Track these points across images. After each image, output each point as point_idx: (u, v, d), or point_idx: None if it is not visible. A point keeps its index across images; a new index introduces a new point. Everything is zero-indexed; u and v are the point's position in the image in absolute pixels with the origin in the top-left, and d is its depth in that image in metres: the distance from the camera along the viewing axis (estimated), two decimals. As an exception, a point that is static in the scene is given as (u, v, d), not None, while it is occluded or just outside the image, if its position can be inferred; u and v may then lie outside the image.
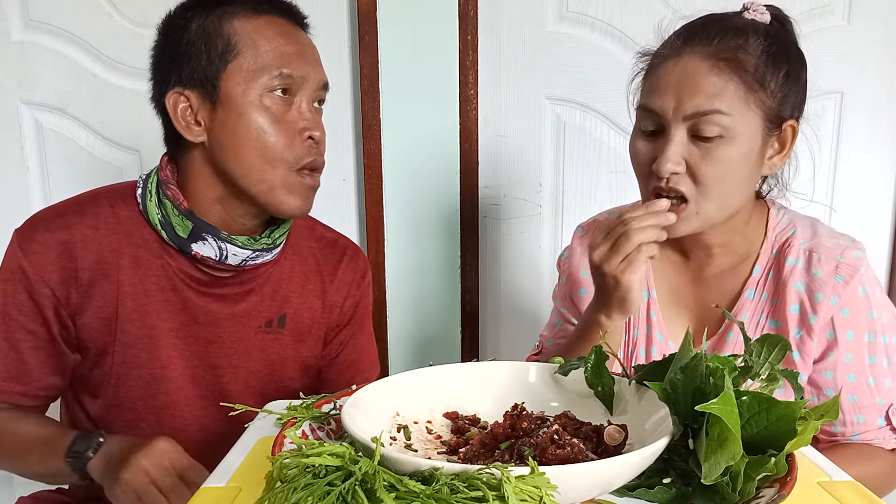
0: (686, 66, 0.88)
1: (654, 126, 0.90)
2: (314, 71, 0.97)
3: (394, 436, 0.63)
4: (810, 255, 0.93)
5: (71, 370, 1.01)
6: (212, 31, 0.92)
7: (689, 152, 0.87)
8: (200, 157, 0.96)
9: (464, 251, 1.99)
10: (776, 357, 0.60)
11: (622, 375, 0.66)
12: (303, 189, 0.97)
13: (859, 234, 0.94)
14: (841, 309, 0.91)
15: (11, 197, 1.86)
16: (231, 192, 0.96)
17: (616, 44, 1.93)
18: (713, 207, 0.89)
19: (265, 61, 0.92)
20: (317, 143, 0.97)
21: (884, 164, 2.01)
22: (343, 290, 1.12)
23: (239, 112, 0.92)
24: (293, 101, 0.95)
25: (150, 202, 0.97)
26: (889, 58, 1.94)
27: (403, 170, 1.96)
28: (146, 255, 0.98)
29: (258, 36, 0.92)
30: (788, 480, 0.51)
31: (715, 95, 0.86)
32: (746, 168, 0.89)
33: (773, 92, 0.88)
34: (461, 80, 1.88)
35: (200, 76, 0.92)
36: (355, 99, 1.97)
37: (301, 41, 0.97)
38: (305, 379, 1.12)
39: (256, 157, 0.93)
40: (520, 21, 1.93)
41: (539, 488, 0.45)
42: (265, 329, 1.05)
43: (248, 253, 0.98)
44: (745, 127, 0.87)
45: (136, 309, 0.98)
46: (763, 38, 0.89)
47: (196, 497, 0.60)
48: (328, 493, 0.46)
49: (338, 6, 1.94)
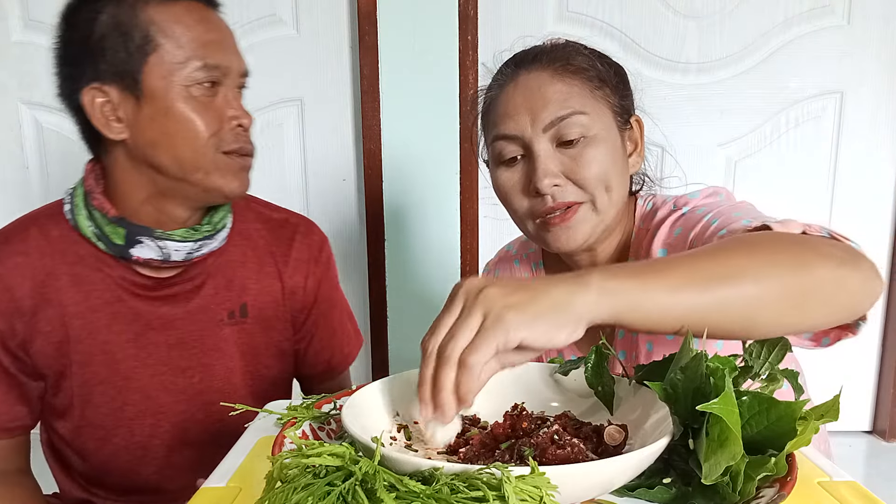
0: (528, 83, 0.89)
1: (515, 151, 0.89)
2: (236, 59, 0.93)
3: (394, 436, 0.63)
4: (663, 222, 0.90)
5: (38, 398, 1.00)
6: (126, 22, 0.86)
7: (561, 162, 0.87)
8: (124, 156, 0.92)
9: (464, 251, 1.99)
10: (776, 357, 0.60)
11: (622, 375, 0.66)
12: (236, 169, 0.93)
13: (859, 233, 0.94)
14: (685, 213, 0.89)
15: (11, 197, 1.86)
16: (161, 188, 0.93)
17: (616, 44, 1.94)
18: (605, 203, 0.88)
19: (187, 52, 0.87)
20: (245, 131, 0.94)
21: (884, 164, 2.01)
22: (301, 269, 1.08)
23: (165, 106, 0.87)
24: (219, 90, 0.91)
25: (80, 216, 0.94)
26: (889, 58, 1.94)
27: (403, 170, 1.96)
28: (85, 271, 0.95)
29: (176, 24, 0.87)
30: (788, 480, 0.51)
31: (566, 99, 0.87)
32: (618, 163, 0.90)
33: (615, 87, 0.91)
34: (461, 80, 1.89)
35: (119, 70, 0.87)
36: (355, 99, 1.97)
37: (221, 28, 0.93)
38: (282, 364, 1.09)
39: (187, 148, 0.89)
40: (520, 21, 1.93)
41: (539, 488, 0.45)
42: (229, 321, 1.02)
43: (191, 245, 0.95)
44: (602, 123, 0.88)
45: (84, 327, 0.95)
46: (584, 48, 0.92)
47: (196, 497, 0.60)
48: (328, 494, 0.46)
49: (338, 6, 1.94)
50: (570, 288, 0.54)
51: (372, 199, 1.98)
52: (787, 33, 1.93)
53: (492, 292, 0.53)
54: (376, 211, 1.98)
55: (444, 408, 0.53)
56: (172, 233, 0.94)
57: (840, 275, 0.61)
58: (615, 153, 0.89)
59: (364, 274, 2.06)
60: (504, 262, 1.14)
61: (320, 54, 1.97)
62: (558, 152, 0.87)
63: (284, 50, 1.96)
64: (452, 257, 2.00)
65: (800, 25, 1.93)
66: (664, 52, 1.96)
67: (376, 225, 1.99)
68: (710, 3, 1.93)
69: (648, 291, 0.56)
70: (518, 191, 0.91)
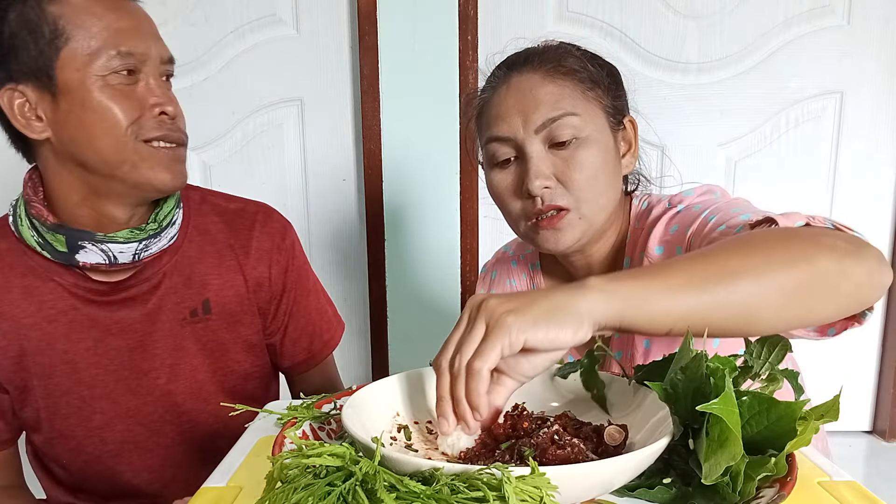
0: (520, 85, 0.89)
1: (508, 153, 0.90)
2: (155, 45, 0.90)
3: (394, 436, 0.63)
4: (658, 220, 0.90)
5: (12, 412, 0.99)
6: (34, 18, 0.84)
7: (553, 163, 0.87)
8: (51, 156, 0.90)
9: (463, 251, 1.99)
10: (776, 357, 0.60)
11: (622, 376, 0.67)
12: (166, 161, 0.90)
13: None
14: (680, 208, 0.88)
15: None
16: (93, 187, 0.90)
17: (616, 44, 1.94)
18: (593, 209, 0.88)
19: (99, 42, 0.84)
20: (172, 118, 0.91)
21: (884, 164, 2.01)
22: (264, 259, 1.04)
23: (82, 99, 0.85)
24: (138, 78, 0.88)
25: (23, 227, 0.92)
26: (889, 58, 1.94)
27: (403, 170, 1.96)
28: (35, 281, 0.94)
29: (86, 15, 0.84)
30: (788, 480, 0.51)
31: (557, 100, 0.87)
32: (611, 164, 0.90)
33: (607, 88, 0.91)
34: (461, 80, 1.89)
35: (32, 68, 0.84)
36: (355, 99, 1.97)
37: (134, 14, 0.90)
38: (253, 357, 1.06)
39: (107, 139, 0.86)
40: (520, 21, 1.93)
41: (539, 488, 0.45)
42: (192, 319, 1.00)
43: (136, 245, 0.92)
44: (594, 125, 0.88)
45: (42, 339, 0.94)
46: (576, 49, 0.92)
47: (196, 497, 0.60)
48: (328, 494, 0.46)
49: (338, 6, 1.94)
50: (571, 291, 0.55)
51: (372, 199, 1.98)
52: (787, 33, 1.93)
53: (492, 303, 0.55)
54: (376, 211, 1.98)
55: (467, 419, 0.56)
56: (115, 234, 0.91)
57: (844, 266, 0.61)
58: (607, 154, 0.89)
59: (364, 274, 2.06)
60: (501, 262, 1.14)
61: (320, 54, 1.97)
62: (550, 154, 0.88)
63: (284, 50, 1.96)
64: (452, 257, 2.00)
65: (800, 25, 1.93)
66: (664, 52, 1.96)
67: (376, 225, 1.99)
68: (710, 3, 1.93)
69: (649, 293, 0.56)
70: (511, 192, 0.91)
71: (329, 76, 1.98)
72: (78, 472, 1.02)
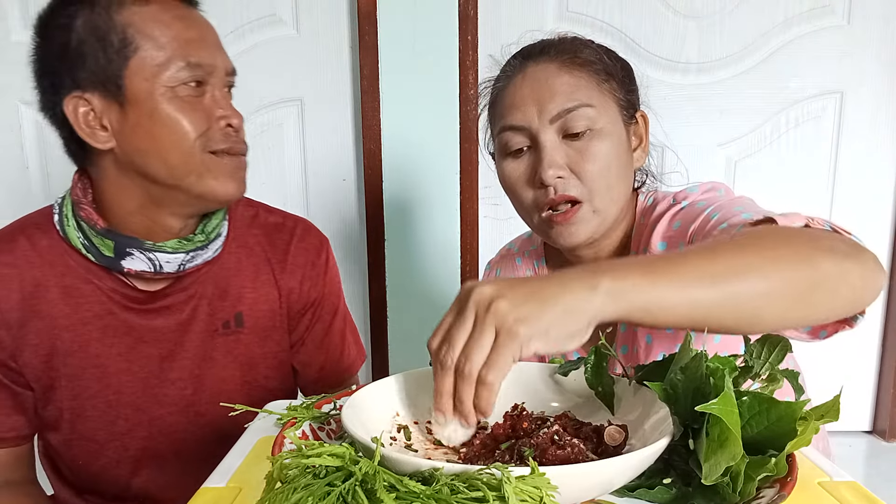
0: (535, 75, 0.89)
1: (521, 143, 0.90)
2: (220, 57, 0.91)
3: (394, 436, 0.63)
4: (662, 216, 0.90)
5: (34, 408, 0.98)
6: (102, 26, 0.83)
7: (566, 154, 0.87)
8: (113, 166, 0.89)
9: (464, 251, 1.99)
10: (776, 357, 0.60)
11: (622, 375, 0.66)
12: (230, 171, 0.90)
13: (859, 234, 0.94)
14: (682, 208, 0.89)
15: (11, 197, 1.86)
16: (153, 196, 0.90)
17: (616, 44, 1.93)
18: (605, 201, 0.88)
19: (168, 52, 0.84)
20: (236, 131, 0.91)
21: (884, 164, 2.01)
22: (297, 273, 1.04)
23: (150, 110, 0.84)
24: (205, 89, 0.88)
25: (69, 227, 0.91)
26: (889, 58, 1.94)
27: (403, 170, 1.96)
28: (75, 282, 0.93)
29: (154, 24, 0.84)
30: (789, 481, 0.51)
31: (573, 91, 0.87)
32: (623, 157, 0.90)
33: (621, 81, 0.91)
34: (461, 80, 1.89)
35: (101, 77, 0.84)
36: (355, 99, 1.97)
37: (200, 24, 0.90)
38: (281, 376, 1.06)
39: (175, 151, 0.86)
40: (520, 21, 1.93)
41: (539, 489, 0.45)
42: (224, 331, 0.99)
43: (184, 256, 0.92)
44: (608, 117, 0.88)
45: (75, 340, 0.93)
46: (590, 42, 0.93)
47: (196, 497, 0.60)
48: (328, 494, 0.46)
49: (338, 6, 1.94)
50: (580, 294, 0.55)
51: (372, 198, 1.98)
52: (787, 33, 1.93)
53: (503, 306, 0.54)
54: (376, 211, 1.98)
55: (468, 418, 0.56)
56: (164, 244, 0.91)
57: (844, 268, 0.61)
58: (620, 147, 0.90)
59: (364, 274, 2.06)
60: (506, 259, 1.14)
61: (320, 54, 1.97)
62: (564, 144, 0.87)
63: (284, 50, 1.96)
64: (452, 257, 2.00)
65: (800, 25, 1.93)
66: (664, 52, 1.96)
67: (376, 225, 1.99)
68: (710, 3, 1.93)
69: (657, 290, 0.56)
70: (524, 182, 0.91)
71: (329, 76, 1.98)
72: (92, 476, 1.01)
